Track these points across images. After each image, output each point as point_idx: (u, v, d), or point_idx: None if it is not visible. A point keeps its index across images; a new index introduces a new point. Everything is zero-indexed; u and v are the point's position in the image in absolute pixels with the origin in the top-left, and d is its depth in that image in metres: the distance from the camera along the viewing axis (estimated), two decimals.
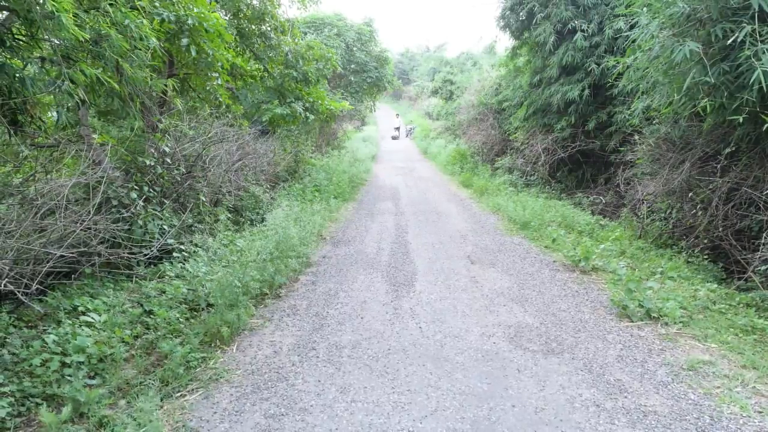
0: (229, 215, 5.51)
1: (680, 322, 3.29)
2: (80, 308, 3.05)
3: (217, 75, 5.71)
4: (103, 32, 3.17)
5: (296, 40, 8.74)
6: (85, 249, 3.21)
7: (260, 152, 7.39)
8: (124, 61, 3.46)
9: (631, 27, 5.84)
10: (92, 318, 2.93)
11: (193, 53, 4.86)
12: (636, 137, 6.69)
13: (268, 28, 8.32)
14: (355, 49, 17.42)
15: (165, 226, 4.16)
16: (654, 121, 6.17)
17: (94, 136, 4.37)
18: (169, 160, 4.68)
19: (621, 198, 7.85)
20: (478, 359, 2.88)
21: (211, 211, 5.02)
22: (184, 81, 6.22)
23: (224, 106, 6.32)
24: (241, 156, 5.99)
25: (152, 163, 4.38)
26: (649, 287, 3.68)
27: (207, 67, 5.44)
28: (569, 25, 8.35)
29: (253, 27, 8.01)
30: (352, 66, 17.47)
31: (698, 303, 3.54)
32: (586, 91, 8.24)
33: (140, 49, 3.57)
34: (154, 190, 4.35)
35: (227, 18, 7.57)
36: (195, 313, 3.45)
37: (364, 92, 18.00)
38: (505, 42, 10.29)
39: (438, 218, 7.02)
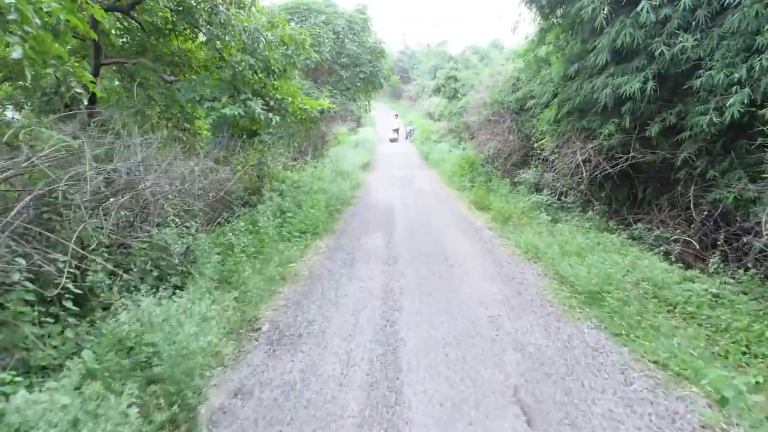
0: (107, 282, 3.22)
1: None
2: None
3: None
4: None
5: (258, 18, 6.49)
6: None
7: (192, 170, 5.13)
8: None
9: None
10: None
11: None
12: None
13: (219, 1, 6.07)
14: (346, 40, 15.18)
15: None
16: None
17: None
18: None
19: (706, 233, 5.61)
20: None
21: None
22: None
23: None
24: (135, 180, 3.72)
25: None
26: None
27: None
28: None
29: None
30: (343, 59, 15.23)
31: None
32: (651, 84, 5.96)
33: None
34: None
35: None
36: None
37: (357, 90, 15.75)
38: (527, 27, 7.90)
39: (449, 272, 4.73)
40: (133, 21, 6.16)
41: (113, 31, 6.56)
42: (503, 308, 3.70)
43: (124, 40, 6.53)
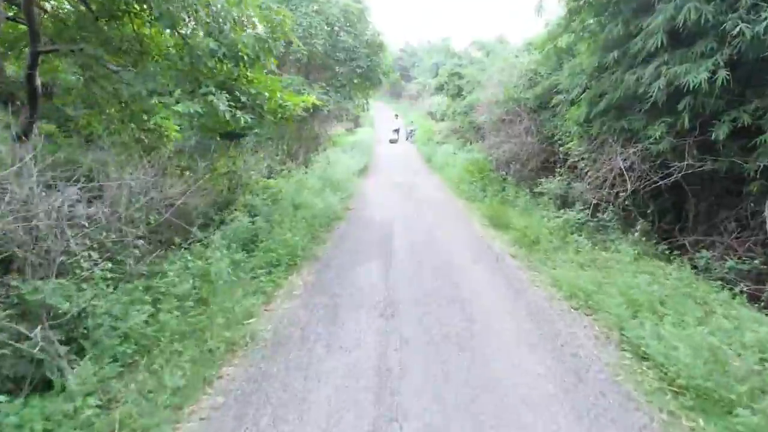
0: None
1: None
2: None
3: None
4: None
5: None
6: None
7: (127, 185, 3.80)
8: None
9: None
10: None
11: None
12: None
13: None
14: (341, 32, 13.85)
15: None
16: None
17: None
18: None
19: None
20: None
21: None
22: None
23: None
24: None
25: None
26: None
27: None
28: None
29: None
30: (338, 54, 13.89)
31: None
32: (723, 73, 4.63)
33: None
34: None
35: None
36: None
37: (353, 87, 14.41)
38: (545, 15, 6.60)
39: (468, 331, 3.30)
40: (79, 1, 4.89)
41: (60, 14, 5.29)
42: (561, 412, 2.35)
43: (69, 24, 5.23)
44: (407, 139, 22.81)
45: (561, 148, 7.33)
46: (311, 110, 12.37)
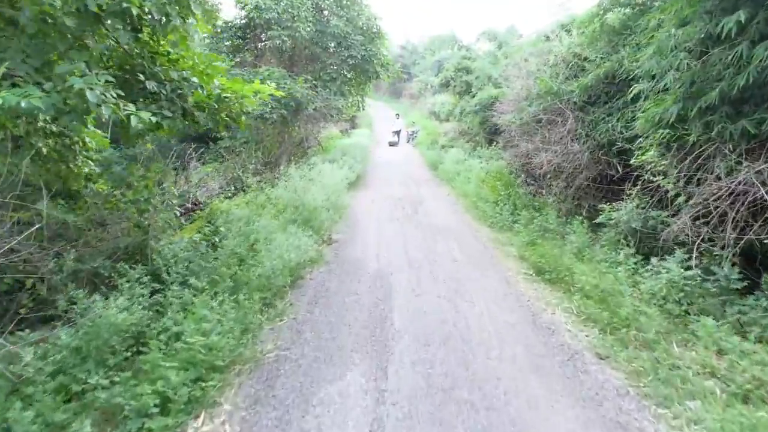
0: None
1: None
2: None
3: None
4: None
5: None
6: None
7: None
8: None
9: None
10: None
11: None
12: None
13: None
14: (332, 18, 11.64)
15: None
16: None
17: None
18: None
19: None
20: None
21: None
22: None
23: None
24: None
25: None
26: None
27: None
28: None
29: None
30: (327, 42, 11.68)
31: None
32: None
33: None
34: None
35: None
36: None
37: (346, 81, 12.20)
38: None
39: None
40: None
41: None
42: None
43: None
44: (408, 141, 20.62)
45: (633, 161, 5.10)
46: (293, 107, 10.20)
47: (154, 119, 3.34)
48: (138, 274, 3.25)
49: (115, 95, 3.09)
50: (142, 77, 3.66)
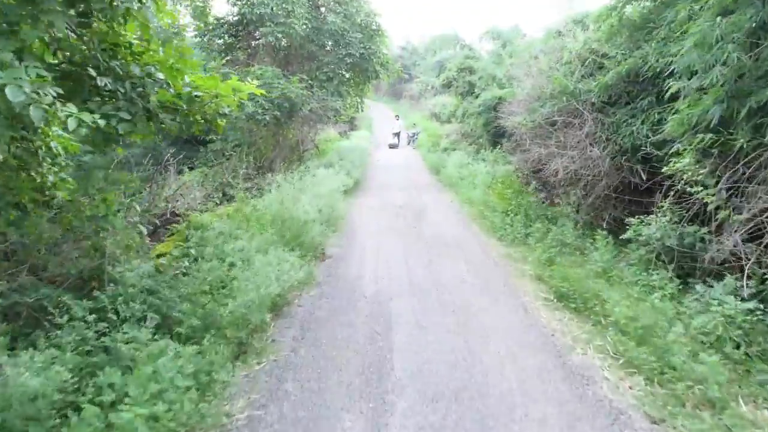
0: None
1: None
2: None
3: None
4: None
5: None
6: None
7: None
8: None
9: None
10: None
11: None
12: None
13: None
14: (329, 15, 11.05)
15: None
16: None
17: None
18: None
19: None
20: None
21: None
22: None
23: None
24: None
25: None
26: None
27: None
28: None
29: None
30: (323, 39, 11.09)
31: None
32: None
33: None
34: None
35: None
36: None
37: (344, 83, 11.62)
38: None
39: None
40: None
41: None
42: None
43: None
44: (409, 143, 20.05)
45: (665, 170, 4.50)
46: (287, 108, 9.60)
47: (102, 122, 2.75)
48: (82, 311, 2.65)
49: (54, 93, 2.50)
50: (94, 73, 3.06)
